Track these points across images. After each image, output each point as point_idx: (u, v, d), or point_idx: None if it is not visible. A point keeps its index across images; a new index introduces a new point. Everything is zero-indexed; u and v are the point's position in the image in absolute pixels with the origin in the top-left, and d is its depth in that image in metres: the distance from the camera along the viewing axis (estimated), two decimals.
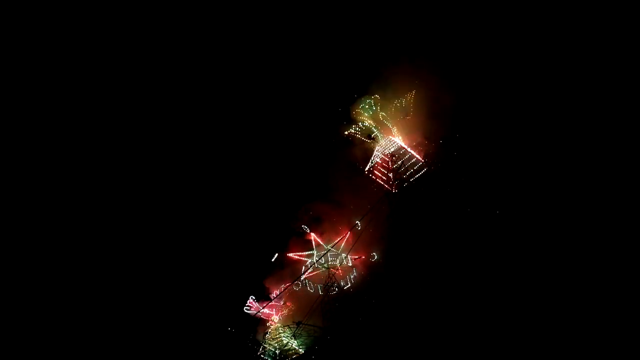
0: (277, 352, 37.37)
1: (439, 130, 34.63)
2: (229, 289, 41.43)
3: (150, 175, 44.78)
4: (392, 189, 35.45)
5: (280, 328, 38.41)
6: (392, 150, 35.92)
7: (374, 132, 37.53)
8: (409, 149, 35.14)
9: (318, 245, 38.20)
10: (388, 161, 35.72)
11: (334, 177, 40.16)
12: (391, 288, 35.68)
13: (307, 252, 38.42)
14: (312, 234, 37.82)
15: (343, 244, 37.00)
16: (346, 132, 37.76)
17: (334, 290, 37.35)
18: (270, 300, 39.12)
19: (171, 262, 43.11)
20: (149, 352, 38.78)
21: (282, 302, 39.46)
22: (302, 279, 38.32)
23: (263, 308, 38.64)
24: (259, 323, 39.58)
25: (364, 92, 37.47)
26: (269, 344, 37.72)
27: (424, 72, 34.94)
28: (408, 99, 35.06)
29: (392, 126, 37.35)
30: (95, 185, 43.32)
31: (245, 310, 39.36)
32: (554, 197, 31.05)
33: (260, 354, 38.00)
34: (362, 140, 38.63)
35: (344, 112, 39.14)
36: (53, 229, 42.21)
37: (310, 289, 37.95)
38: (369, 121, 37.72)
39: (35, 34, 41.03)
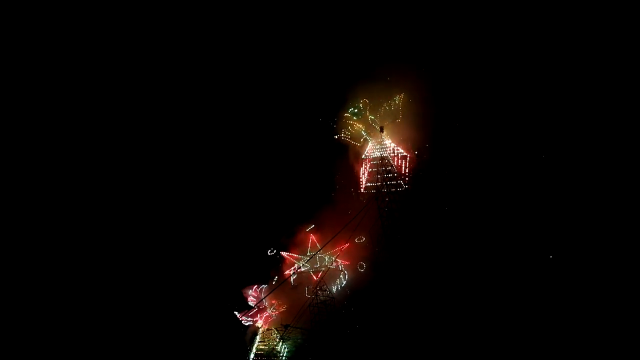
0: (264, 353, 37.88)
1: (425, 141, 34.86)
2: (223, 285, 41.76)
3: (142, 173, 45.04)
4: (360, 189, 36.14)
5: (268, 330, 38.86)
6: (378, 154, 36.01)
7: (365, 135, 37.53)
8: (392, 155, 35.25)
9: (314, 247, 38.35)
10: (370, 163, 36.14)
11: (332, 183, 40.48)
12: (379, 293, 35.96)
13: (299, 255, 38.74)
14: (312, 236, 38.02)
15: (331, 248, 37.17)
16: (337, 137, 37.83)
17: (323, 293, 37.59)
18: (263, 298, 39.34)
19: (166, 257, 43.44)
20: (142, 344, 39.35)
21: (271, 307, 39.73)
22: (291, 280, 38.71)
23: (263, 299, 38.78)
24: (248, 325, 40.04)
25: (354, 95, 37.38)
26: (257, 347, 38.26)
27: (413, 78, 34.78)
28: (397, 102, 35.06)
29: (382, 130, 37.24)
30: (85, 183, 43.77)
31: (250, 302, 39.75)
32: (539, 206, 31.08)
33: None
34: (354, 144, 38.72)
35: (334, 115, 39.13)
36: (48, 226, 42.84)
37: (298, 291, 38.30)
38: (359, 125, 37.65)
39: (35, 33, 41.39)
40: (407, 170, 35.07)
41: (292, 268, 38.19)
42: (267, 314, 39.14)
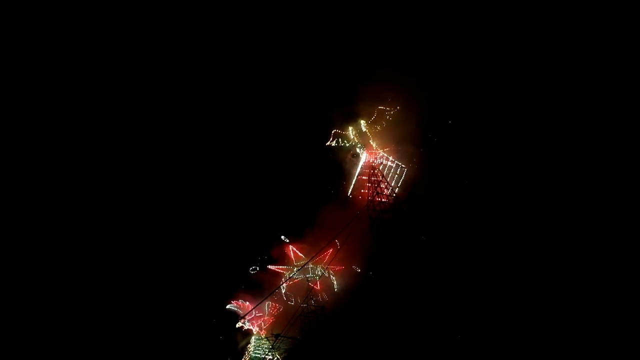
0: None
1: (419, 151, 35.44)
2: (209, 291, 41.43)
3: (138, 175, 44.90)
4: (348, 193, 36.63)
5: (259, 339, 38.51)
6: (370, 164, 36.49)
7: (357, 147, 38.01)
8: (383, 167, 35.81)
9: (298, 258, 38.48)
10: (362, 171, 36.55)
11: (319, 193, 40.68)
12: (369, 301, 35.96)
13: (286, 267, 38.82)
14: (291, 247, 38.13)
15: (322, 257, 37.23)
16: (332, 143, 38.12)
17: (313, 302, 37.54)
18: (254, 308, 39.15)
19: (157, 261, 43.02)
20: (131, 348, 38.63)
21: (264, 314, 39.55)
22: (283, 291, 38.64)
23: (249, 312, 38.58)
24: (238, 333, 39.70)
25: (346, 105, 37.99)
26: (249, 353, 37.84)
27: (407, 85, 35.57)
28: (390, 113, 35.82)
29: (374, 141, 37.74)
30: (78, 184, 43.39)
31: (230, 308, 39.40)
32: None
33: None
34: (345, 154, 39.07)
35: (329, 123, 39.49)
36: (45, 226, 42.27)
37: (290, 301, 38.22)
38: (352, 135, 38.12)
39: (35, 33, 41.35)
40: (399, 180, 35.44)
41: (282, 284, 38.17)
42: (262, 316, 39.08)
